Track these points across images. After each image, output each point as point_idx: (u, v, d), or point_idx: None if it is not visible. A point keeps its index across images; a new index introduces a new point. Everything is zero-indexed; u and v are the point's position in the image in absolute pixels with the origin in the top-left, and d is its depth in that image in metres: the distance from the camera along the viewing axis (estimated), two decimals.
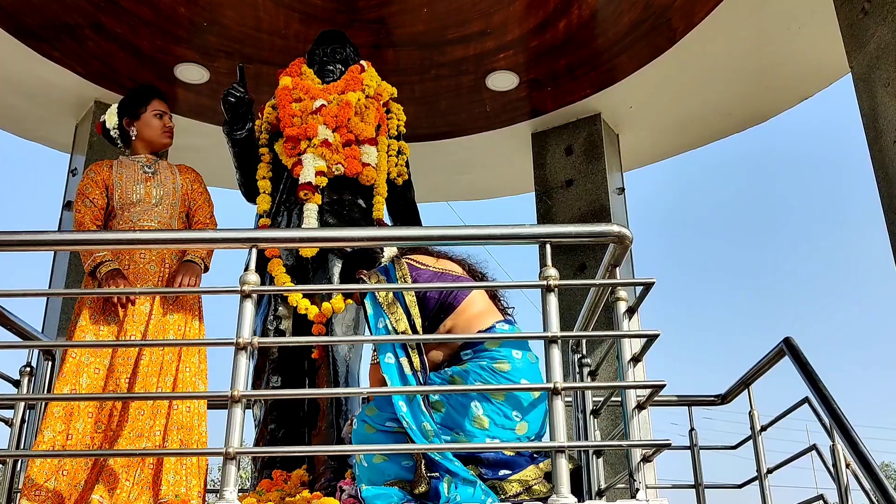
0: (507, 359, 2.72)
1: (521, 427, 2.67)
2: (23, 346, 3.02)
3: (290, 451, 2.63)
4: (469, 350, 2.79)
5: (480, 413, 2.63)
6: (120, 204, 3.33)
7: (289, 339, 3.41)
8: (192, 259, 3.26)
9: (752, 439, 3.94)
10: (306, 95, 3.73)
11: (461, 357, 2.81)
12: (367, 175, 3.68)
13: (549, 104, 6.42)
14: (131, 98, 3.55)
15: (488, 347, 2.76)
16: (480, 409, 2.63)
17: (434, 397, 2.66)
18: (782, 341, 3.59)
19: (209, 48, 5.84)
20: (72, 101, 6.08)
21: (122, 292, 3.06)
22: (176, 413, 3.04)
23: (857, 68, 4.32)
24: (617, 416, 5.28)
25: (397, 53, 5.98)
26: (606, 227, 2.49)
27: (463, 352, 2.81)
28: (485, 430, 2.62)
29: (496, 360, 2.72)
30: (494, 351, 2.75)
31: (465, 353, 2.80)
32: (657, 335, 2.36)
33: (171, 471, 2.95)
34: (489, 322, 2.86)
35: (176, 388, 3.06)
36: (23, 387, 3.43)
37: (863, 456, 2.94)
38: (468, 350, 2.79)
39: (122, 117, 3.50)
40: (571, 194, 6.38)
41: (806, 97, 6.25)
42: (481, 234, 2.46)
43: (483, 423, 2.62)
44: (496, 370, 2.69)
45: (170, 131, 3.52)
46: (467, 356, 2.78)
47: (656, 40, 5.72)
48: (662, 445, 2.24)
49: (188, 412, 3.07)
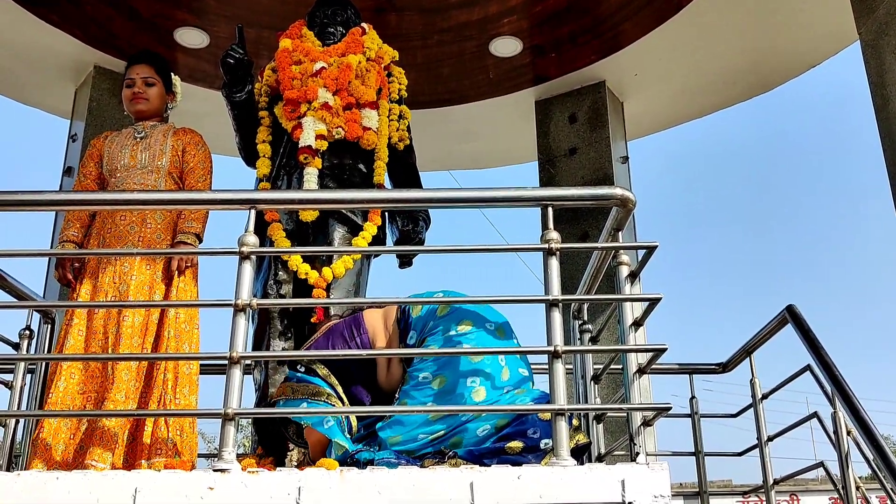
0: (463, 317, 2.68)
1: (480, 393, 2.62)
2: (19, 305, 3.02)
3: (289, 412, 2.62)
4: (411, 332, 2.72)
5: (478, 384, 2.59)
6: (108, 170, 3.39)
7: (288, 301, 3.39)
8: (184, 240, 3.23)
9: (752, 407, 3.94)
10: (306, 58, 3.68)
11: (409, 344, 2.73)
12: (367, 139, 3.64)
13: (552, 71, 6.35)
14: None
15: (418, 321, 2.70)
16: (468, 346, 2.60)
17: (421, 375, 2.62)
18: (785, 309, 3.58)
19: (209, 12, 5.78)
20: (71, 66, 6.03)
21: (118, 252, 3.07)
22: (157, 373, 3.05)
23: (866, 34, 4.26)
24: (617, 384, 5.29)
25: (400, 18, 5.90)
26: (609, 190, 2.46)
27: (407, 338, 2.74)
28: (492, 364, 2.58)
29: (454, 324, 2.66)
30: (442, 321, 2.68)
31: (409, 337, 2.73)
32: (659, 298, 2.34)
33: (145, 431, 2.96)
34: (393, 313, 2.80)
35: (160, 348, 3.07)
36: (22, 349, 3.43)
37: (864, 423, 2.94)
38: (410, 333, 2.72)
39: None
40: (575, 163, 6.33)
41: (813, 65, 6.18)
42: (483, 197, 2.43)
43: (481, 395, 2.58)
44: (460, 332, 2.65)
45: (138, 98, 3.51)
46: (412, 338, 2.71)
47: (662, 6, 5.64)
48: (663, 409, 2.23)
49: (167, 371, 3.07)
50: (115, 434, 2.86)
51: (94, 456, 2.80)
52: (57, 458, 2.86)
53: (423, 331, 2.71)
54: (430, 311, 2.73)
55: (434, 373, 2.61)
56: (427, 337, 2.69)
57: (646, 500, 2.03)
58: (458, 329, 2.65)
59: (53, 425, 2.90)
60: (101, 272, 3.15)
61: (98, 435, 2.85)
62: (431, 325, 2.71)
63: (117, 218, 3.22)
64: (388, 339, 2.79)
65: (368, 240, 3.49)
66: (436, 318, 2.71)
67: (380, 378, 2.80)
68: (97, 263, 3.19)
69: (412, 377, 2.66)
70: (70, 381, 2.97)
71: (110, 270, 3.13)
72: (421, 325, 2.73)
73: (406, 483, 2.05)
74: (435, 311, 2.72)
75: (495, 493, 2.03)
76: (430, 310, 2.73)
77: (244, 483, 2.04)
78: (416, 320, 2.74)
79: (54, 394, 2.93)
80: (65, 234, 3.29)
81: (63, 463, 2.85)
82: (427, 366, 2.64)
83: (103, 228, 3.24)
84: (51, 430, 2.90)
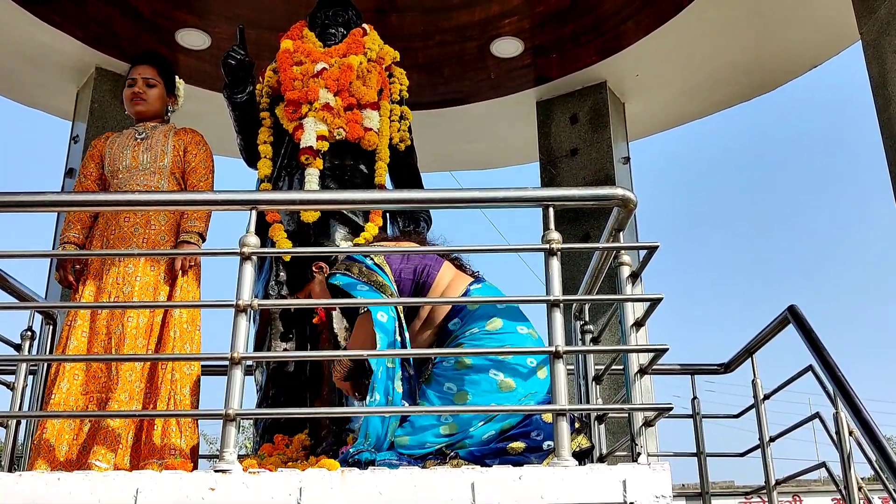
0: (494, 316, 2.69)
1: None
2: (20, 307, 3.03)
3: (290, 412, 2.63)
4: (456, 318, 2.76)
5: (503, 378, 2.60)
6: (110, 171, 3.38)
7: (289, 301, 3.39)
8: (187, 239, 3.23)
9: (754, 408, 3.93)
10: (307, 58, 3.68)
11: (448, 329, 2.77)
12: (368, 140, 3.64)
13: (554, 72, 6.35)
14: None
15: (471, 310, 2.73)
16: (502, 375, 2.60)
17: (446, 385, 2.63)
18: (786, 309, 3.57)
19: (210, 13, 5.78)
20: (73, 67, 6.03)
21: (119, 253, 3.07)
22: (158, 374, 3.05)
23: (867, 34, 4.25)
24: (619, 384, 5.28)
25: (401, 18, 5.91)
26: (610, 191, 2.47)
27: (450, 323, 2.77)
28: (514, 391, 2.59)
29: (486, 321, 2.69)
30: (478, 312, 2.72)
31: (453, 322, 2.77)
32: (660, 299, 2.34)
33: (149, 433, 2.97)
34: (462, 288, 2.83)
35: (162, 349, 3.07)
36: (24, 350, 3.43)
37: (866, 423, 2.93)
38: (455, 319, 2.76)
39: None
40: (576, 164, 6.33)
41: (814, 65, 6.17)
42: (484, 197, 2.43)
43: (511, 385, 2.59)
44: (490, 331, 2.67)
45: (138, 98, 3.49)
46: (455, 325, 2.75)
47: (663, 7, 5.64)
48: (664, 409, 2.22)
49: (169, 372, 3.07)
50: (119, 435, 2.86)
51: (98, 456, 2.80)
52: (60, 459, 2.86)
53: (465, 322, 2.73)
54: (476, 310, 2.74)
55: (458, 389, 2.61)
56: (462, 335, 2.71)
57: (647, 500, 2.03)
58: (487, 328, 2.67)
59: (56, 426, 2.90)
60: (104, 274, 3.14)
61: (102, 435, 2.85)
62: (469, 323, 2.73)
63: (121, 220, 3.21)
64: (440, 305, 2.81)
65: (370, 240, 3.49)
66: (474, 317, 2.72)
67: (412, 328, 2.82)
68: (101, 265, 3.18)
69: (436, 381, 2.66)
70: (73, 382, 2.96)
71: (114, 272, 3.12)
72: (466, 318, 2.74)
73: (407, 484, 2.04)
74: (475, 311, 2.74)
75: (496, 493, 2.03)
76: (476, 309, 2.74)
77: (245, 484, 2.04)
78: (466, 311, 2.75)
79: (57, 394, 2.92)
80: (66, 236, 3.28)
81: (66, 463, 2.85)
82: (451, 375, 2.64)
83: (107, 230, 3.23)
84: (53, 430, 2.89)
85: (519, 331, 2.69)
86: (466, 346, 2.65)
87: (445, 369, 2.67)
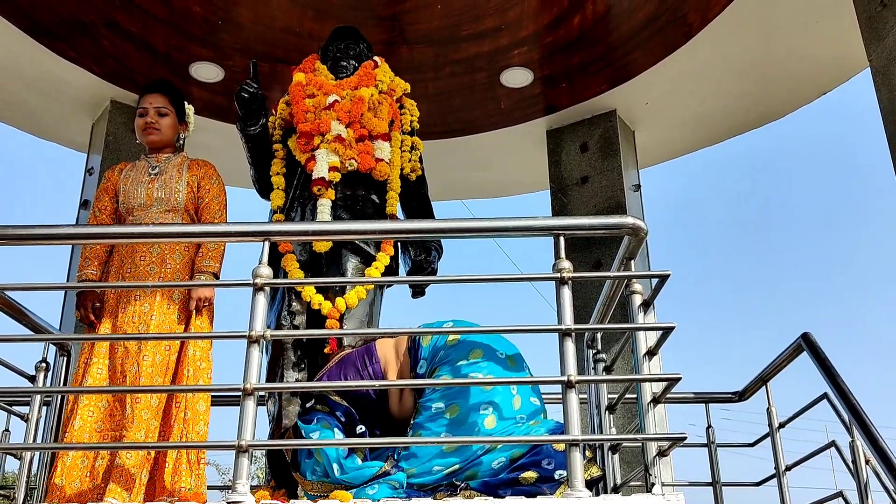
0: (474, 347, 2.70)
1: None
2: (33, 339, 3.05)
3: (303, 444, 2.63)
4: (421, 361, 2.75)
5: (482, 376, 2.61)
6: (125, 208, 3.39)
7: (301, 332, 3.40)
8: (201, 279, 3.24)
9: (769, 436, 3.90)
10: (319, 91, 3.72)
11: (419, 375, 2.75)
12: (380, 170, 3.67)
13: (563, 101, 6.39)
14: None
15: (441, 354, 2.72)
16: (480, 375, 2.61)
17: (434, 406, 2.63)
18: (800, 337, 3.55)
19: (224, 46, 5.86)
20: (87, 100, 6.11)
21: (134, 286, 3.08)
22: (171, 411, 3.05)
23: (876, 61, 4.26)
24: (633, 413, 5.24)
25: (411, 50, 5.97)
26: (621, 220, 2.47)
27: (417, 368, 2.76)
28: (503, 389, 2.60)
29: (465, 354, 2.68)
30: (452, 351, 2.70)
31: (419, 366, 2.75)
32: (672, 328, 2.33)
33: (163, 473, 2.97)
34: (403, 340, 2.83)
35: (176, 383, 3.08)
36: (38, 382, 3.44)
37: (883, 452, 2.90)
38: (421, 362, 2.75)
39: None
40: (587, 191, 6.34)
41: (823, 92, 6.18)
42: (494, 227, 2.44)
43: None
44: (471, 362, 2.66)
45: (151, 129, 3.49)
46: (422, 367, 2.74)
47: (671, 36, 5.68)
48: (678, 438, 2.21)
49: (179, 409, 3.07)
50: (133, 474, 2.85)
51: (113, 494, 2.79)
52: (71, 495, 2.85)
53: (434, 360, 2.72)
54: (440, 342, 2.73)
55: (447, 403, 2.61)
56: (437, 367, 2.70)
57: None
58: (468, 359, 2.66)
59: (67, 464, 2.90)
60: (120, 311, 3.15)
61: (117, 473, 2.85)
62: (442, 354, 2.71)
63: (137, 258, 3.22)
64: (400, 369, 2.80)
65: (381, 270, 3.50)
66: (446, 347, 2.71)
67: (392, 408, 2.80)
68: (116, 303, 3.19)
69: (424, 408, 2.66)
70: (88, 420, 2.96)
71: (130, 310, 3.13)
72: (431, 355, 2.73)
73: None
74: (445, 341, 2.72)
75: None
76: (440, 340, 2.73)
77: None
78: (426, 350, 2.75)
79: (70, 432, 2.92)
80: (83, 273, 3.27)
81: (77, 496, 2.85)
82: (437, 396, 2.64)
83: (122, 267, 3.24)
84: (63, 469, 2.88)
85: (498, 355, 2.69)
86: (447, 371, 2.65)
87: (428, 395, 2.66)
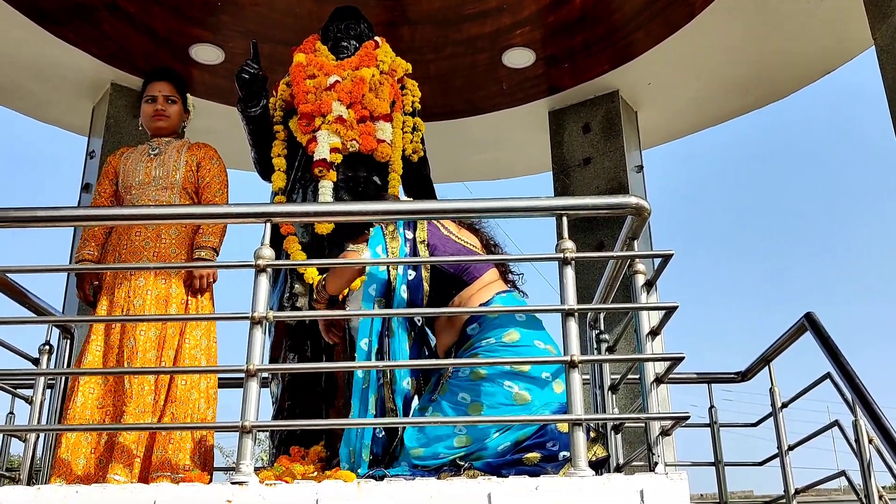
0: (512, 327, 2.70)
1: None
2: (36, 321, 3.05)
3: (305, 424, 2.63)
4: (475, 324, 2.78)
5: (517, 390, 2.60)
6: (123, 187, 3.42)
7: (303, 313, 3.40)
8: (201, 255, 3.26)
9: (772, 416, 3.90)
10: (320, 72, 3.70)
11: (467, 332, 2.79)
12: (381, 151, 3.65)
13: (566, 81, 6.36)
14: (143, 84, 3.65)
15: (491, 317, 2.74)
16: (517, 387, 2.60)
17: (460, 395, 2.64)
18: (803, 316, 3.54)
19: (224, 28, 5.83)
20: (88, 83, 6.09)
21: (136, 267, 3.09)
22: (174, 388, 3.07)
23: (881, 40, 4.23)
24: (635, 394, 5.25)
25: (413, 31, 5.93)
26: (624, 199, 2.46)
27: (469, 327, 2.79)
28: (530, 404, 2.59)
29: (504, 332, 2.70)
30: (496, 321, 2.73)
31: (471, 327, 2.79)
32: (676, 307, 2.33)
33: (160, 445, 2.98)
34: (489, 295, 2.85)
35: (178, 362, 3.08)
36: (42, 364, 3.45)
37: (886, 431, 2.90)
38: (474, 324, 2.78)
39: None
40: (589, 173, 6.32)
41: (827, 72, 6.14)
42: (498, 207, 2.43)
43: (526, 398, 2.59)
44: (506, 343, 2.67)
45: (159, 115, 3.53)
46: (473, 331, 2.77)
47: (674, 15, 5.63)
48: (681, 418, 2.21)
49: (184, 385, 3.09)
50: (132, 451, 2.87)
51: (116, 470, 2.81)
52: (78, 473, 2.87)
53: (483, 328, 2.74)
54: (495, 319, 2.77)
55: (472, 399, 2.62)
56: (482, 340, 2.72)
57: None
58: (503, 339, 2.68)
59: (72, 440, 2.92)
60: (116, 288, 3.18)
61: (118, 450, 2.87)
62: (487, 330, 2.74)
63: (132, 234, 3.25)
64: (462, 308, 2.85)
65: None
66: (492, 325, 2.73)
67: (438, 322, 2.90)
68: (113, 280, 3.22)
69: (451, 389, 2.66)
70: (89, 397, 2.98)
71: (125, 286, 3.16)
72: (485, 324, 2.75)
73: (424, 494, 2.04)
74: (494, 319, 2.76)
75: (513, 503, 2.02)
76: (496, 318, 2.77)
77: (262, 496, 2.04)
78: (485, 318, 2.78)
79: (72, 409, 2.95)
80: (81, 253, 3.32)
81: (84, 478, 2.87)
82: (466, 385, 2.65)
83: (119, 245, 3.27)
84: (69, 445, 2.91)
85: (536, 344, 2.69)
86: (482, 357, 2.66)
87: (460, 379, 2.67)
